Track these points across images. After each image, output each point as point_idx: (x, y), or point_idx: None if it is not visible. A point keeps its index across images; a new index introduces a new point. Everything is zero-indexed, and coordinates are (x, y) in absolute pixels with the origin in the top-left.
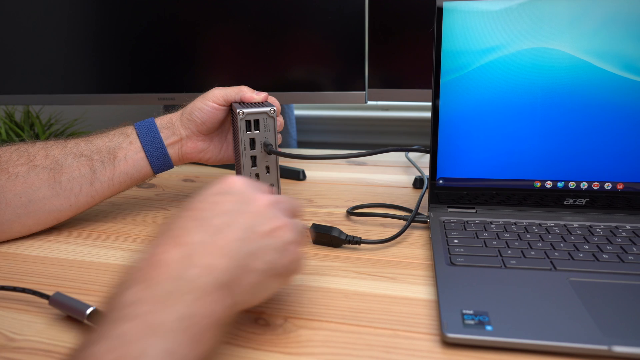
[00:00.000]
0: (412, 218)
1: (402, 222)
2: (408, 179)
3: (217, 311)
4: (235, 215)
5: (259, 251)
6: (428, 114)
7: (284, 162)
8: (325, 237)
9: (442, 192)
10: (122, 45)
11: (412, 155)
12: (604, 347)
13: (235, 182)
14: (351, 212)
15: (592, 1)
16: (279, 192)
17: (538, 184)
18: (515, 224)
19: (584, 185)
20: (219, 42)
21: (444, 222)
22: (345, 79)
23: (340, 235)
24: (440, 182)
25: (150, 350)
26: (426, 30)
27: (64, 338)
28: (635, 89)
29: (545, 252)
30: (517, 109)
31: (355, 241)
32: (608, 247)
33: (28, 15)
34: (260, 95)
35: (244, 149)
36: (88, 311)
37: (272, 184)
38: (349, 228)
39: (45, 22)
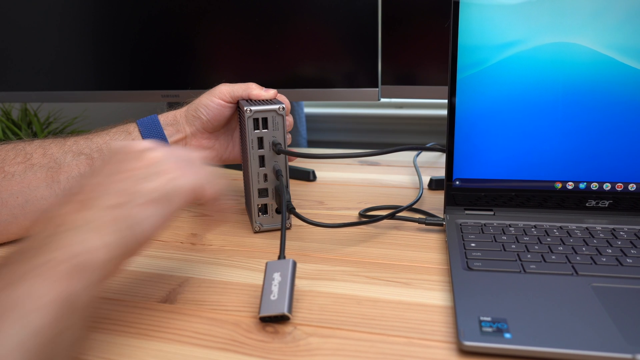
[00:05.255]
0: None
1: (418, 225)
2: (423, 179)
3: (84, 251)
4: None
5: (104, 186)
6: (444, 112)
7: (294, 162)
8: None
9: (459, 194)
10: (123, 40)
11: (428, 156)
12: (628, 356)
13: (121, 149)
14: (363, 215)
15: None
16: (288, 194)
17: (559, 185)
18: (535, 226)
19: (607, 187)
20: (226, 36)
21: (460, 224)
22: (358, 76)
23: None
24: (457, 183)
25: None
26: (442, 24)
27: None
28: None
29: (566, 257)
30: (536, 107)
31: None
32: (632, 251)
33: (25, 10)
34: (268, 93)
35: (251, 149)
36: None
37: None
38: (361, 231)
39: (43, 16)
